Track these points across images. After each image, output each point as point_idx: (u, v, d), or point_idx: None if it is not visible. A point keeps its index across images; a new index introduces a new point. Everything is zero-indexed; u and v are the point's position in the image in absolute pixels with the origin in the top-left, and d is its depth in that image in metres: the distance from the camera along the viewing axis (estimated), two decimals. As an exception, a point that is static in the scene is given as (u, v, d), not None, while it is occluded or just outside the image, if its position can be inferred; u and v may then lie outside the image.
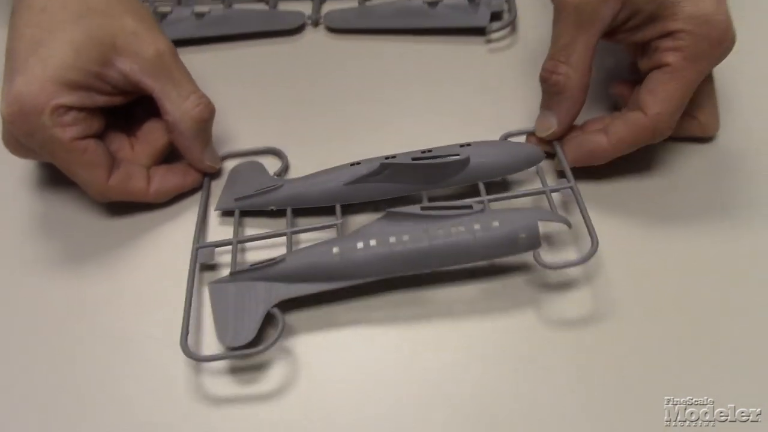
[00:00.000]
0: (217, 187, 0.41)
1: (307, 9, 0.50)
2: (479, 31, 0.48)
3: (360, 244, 0.35)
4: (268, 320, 0.35)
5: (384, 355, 0.35)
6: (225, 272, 0.37)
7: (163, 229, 0.40)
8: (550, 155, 0.41)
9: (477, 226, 0.34)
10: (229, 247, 0.37)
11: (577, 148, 0.39)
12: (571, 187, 0.37)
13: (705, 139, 0.41)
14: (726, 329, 0.35)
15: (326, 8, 0.50)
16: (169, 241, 0.39)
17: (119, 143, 0.40)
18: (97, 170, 0.37)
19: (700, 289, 0.36)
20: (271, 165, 0.42)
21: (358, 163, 0.38)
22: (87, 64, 0.36)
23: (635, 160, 0.39)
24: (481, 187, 0.38)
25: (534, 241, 0.34)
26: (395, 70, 0.47)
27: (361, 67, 0.47)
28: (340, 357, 0.35)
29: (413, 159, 0.37)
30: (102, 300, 0.37)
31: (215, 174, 0.42)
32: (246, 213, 0.40)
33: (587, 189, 0.39)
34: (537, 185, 0.39)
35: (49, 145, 0.36)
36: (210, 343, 0.35)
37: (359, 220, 0.39)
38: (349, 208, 0.39)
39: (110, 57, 0.37)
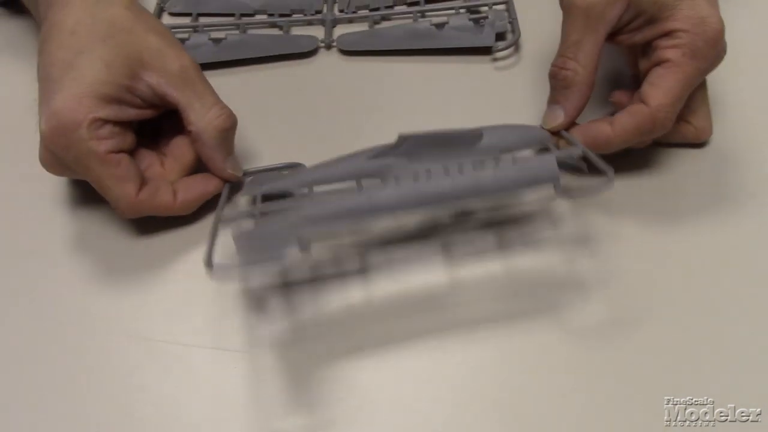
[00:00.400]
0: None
1: (319, 33, 0.52)
2: (485, 51, 0.50)
3: (382, 185, 0.35)
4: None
5: (411, 370, 0.36)
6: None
7: (189, 246, 0.41)
8: None
9: (495, 164, 0.35)
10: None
11: (582, 135, 0.41)
12: (582, 149, 0.39)
13: (698, 144, 0.44)
14: (726, 329, 0.36)
15: (338, 32, 0.52)
16: (195, 258, 0.41)
17: (149, 161, 0.42)
18: (128, 185, 0.39)
19: (699, 290, 0.38)
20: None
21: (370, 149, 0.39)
22: (118, 78, 0.38)
23: (633, 164, 0.42)
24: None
25: (553, 174, 0.35)
26: (406, 89, 0.49)
27: (373, 87, 0.49)
28: (373, 373, 0.36)
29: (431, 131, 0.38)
30: (138, 312, 0.39)
31: (235, 184, 0.43)
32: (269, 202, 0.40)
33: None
34: None
35: (85, 159, 0.38)
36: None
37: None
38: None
39: (138, 71, 0.39)
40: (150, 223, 0.41)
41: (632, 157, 0.41)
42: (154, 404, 0.36)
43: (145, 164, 0.41)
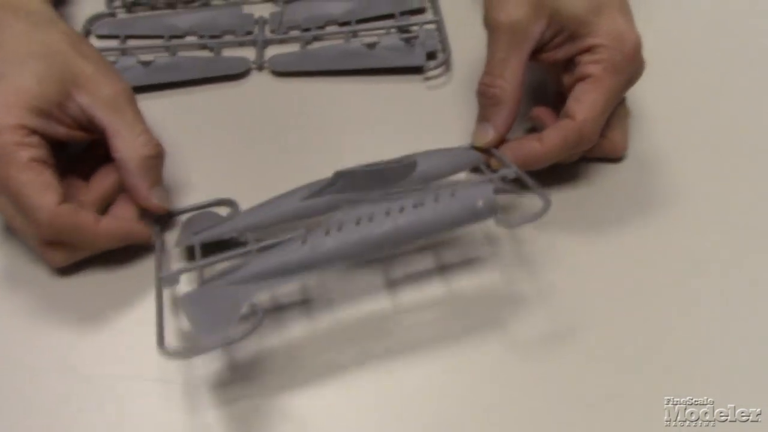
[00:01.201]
0: (171, 238, 0.42)
1: (251, 54, 0.52)
2: (417, 70, 0.51)
3: (325, 234, 0.35)
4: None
5: (356, 396, 0.36)
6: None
7: (122, 280, 0.40)
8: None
9: (435, 202, 0.36)
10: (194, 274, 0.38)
11: (512, 152, 0.42)
12: (515, 171, 0.40)
13: (615, 159, 0.45)
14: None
15: (269, 53, 0.52)
16: (127, 292, 0.40)
17: (74, 185, 0.40)
18: (49, 193, 0.37)
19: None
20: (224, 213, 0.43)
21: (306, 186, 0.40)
22: (49, 93, 0.38)
23: (557, 178, 0.43)
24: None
25: (492, 207, 0.35)
26: (339, 110, 0.49)
27: (306, 107, 0.49)
28: (314, 403, 0.36)
29: (366, 165, 0.38)
30: (70, 346, 0.38)
31: (167, 225, 0.42)
32: (207, 252, 0.39)
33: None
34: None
35: (5, 165, 0.36)
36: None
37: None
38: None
39: (71, 90, 0.39)
40: (82, 260, 0.40)
41: (556, 172, 0.42)
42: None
43: (68, 188, 0.39)
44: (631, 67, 0.41)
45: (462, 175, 0.44)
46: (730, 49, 0.53)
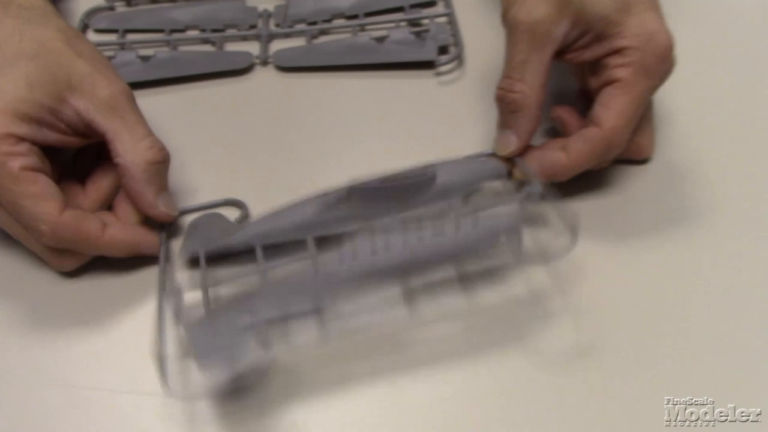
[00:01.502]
0: (177, 245, 0.40)
1: (254, 49, 0.50)
2: (428, 65, 0.49)
3: (339, 263, 0.34)
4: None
5: (366, 413, 0.34)
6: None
7: (118, 289, 0.38)
8: None
9: (455, 231, 0.34)
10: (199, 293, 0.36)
11: (537, 163, 0.39)
12: (541, 191, 0.37)
13: (641, 160, 0.43)
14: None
15: (274, 47, 0.50)
16: (122, 301, 0.38)
17: (72, 191, 0.38)
18: (49, 203, 0.35)
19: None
20: (232, 215, 0.41)
21: (318, 196, 0.37)
22: (41, 98, 0.35)
23: (580, 184, 0.40)
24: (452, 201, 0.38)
25: (515, 241, 0.34)
26: (346, 107, 0.47)
27: (312, 104, 0.47)
28: (319, 418, 0.34)
29: (380, 180, 0.36)
30: (61, 358, 0.36)
31: (173, 230, 0.40)
32: (213, 262, 0.38)
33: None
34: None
35: None
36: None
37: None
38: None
39: (64, 94, 0.36)
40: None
41: (581, 178, 0.40)
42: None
43: (67, 194, 0.37)
44: (662, 69, 0.38)
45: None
46: (766, 47, 0.50)
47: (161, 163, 0.38)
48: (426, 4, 0.53)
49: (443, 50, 0.49)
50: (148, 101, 0.44)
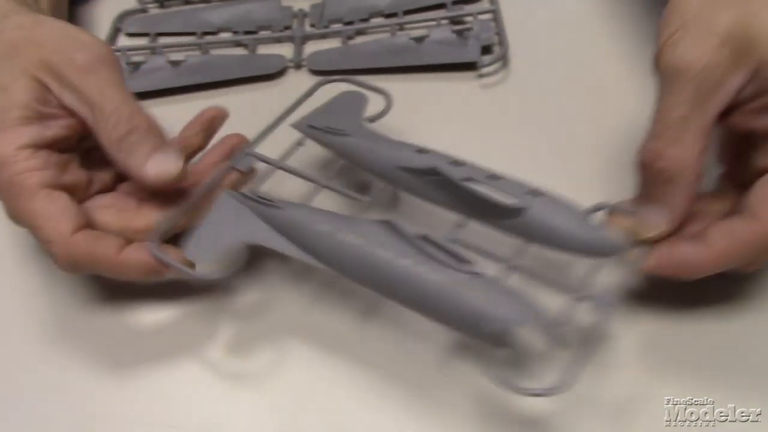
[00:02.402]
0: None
1: (288, 51, 0.48)
2: (470, 66, 0.46)
3: (348, 239, 0.32)
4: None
5: None
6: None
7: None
8: None
9: (451, 287, 0.29)
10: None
11: (665, 255, 0.31)
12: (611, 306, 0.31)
13: None
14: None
15: (309, 49, 0.48)
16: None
17: (119, 206, 0.36)
18: (62, 223, 0.33)
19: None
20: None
21: (426, 152, 0.35)
22: (23, 96, 0.33)
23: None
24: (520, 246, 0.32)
25: (500, 340, 0.28)
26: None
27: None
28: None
29: (467, 178, 0.33)
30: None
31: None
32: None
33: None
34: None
35: (14, 198, 0.33)
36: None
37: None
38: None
39: (40, 77, 0.34)
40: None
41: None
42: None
43: (108, 207, 0.35)
44: None
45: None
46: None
47: (135, 132, 0.34)
48: (469, 0, 0.50)
49: (486, 50, 0.46)
50: (178, 108, 0.43)
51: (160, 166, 0.34)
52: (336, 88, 0.40)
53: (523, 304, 0.29)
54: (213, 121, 0.39)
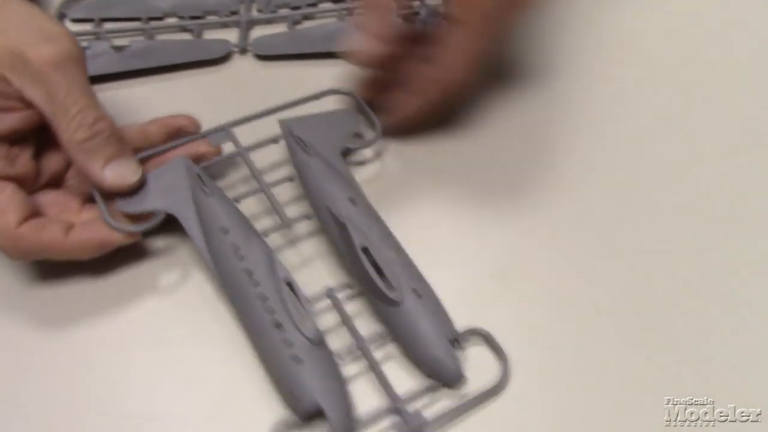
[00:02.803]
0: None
1: (234, 36, 0.47)
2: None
3: (229, 252, 0.33)
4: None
5: None
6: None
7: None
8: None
9: (279, 345, 0.31)
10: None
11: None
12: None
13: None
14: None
15: (255, 34, 0.47)
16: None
17: (64, 205, 0.36)
18: (8, 214, 0.33)
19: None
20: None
21: (355, 204, 0.36)
22: None
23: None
24: None
25: (305, 416, 0.30)
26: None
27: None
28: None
29: (365, 249, 0.33)
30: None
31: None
32: None
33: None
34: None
35: None
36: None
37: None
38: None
39: (2, 71, 0.33)
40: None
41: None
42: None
43: (56, 209, 0.36)
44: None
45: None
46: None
47: (98, 137, 0.34)
48: (417, -15, 0.50)
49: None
50: (122, 93, 0.42)
51: (118, 174, 0.35)
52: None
53: (338, 393, 0.30)
54: (180, 129, 0.39)
